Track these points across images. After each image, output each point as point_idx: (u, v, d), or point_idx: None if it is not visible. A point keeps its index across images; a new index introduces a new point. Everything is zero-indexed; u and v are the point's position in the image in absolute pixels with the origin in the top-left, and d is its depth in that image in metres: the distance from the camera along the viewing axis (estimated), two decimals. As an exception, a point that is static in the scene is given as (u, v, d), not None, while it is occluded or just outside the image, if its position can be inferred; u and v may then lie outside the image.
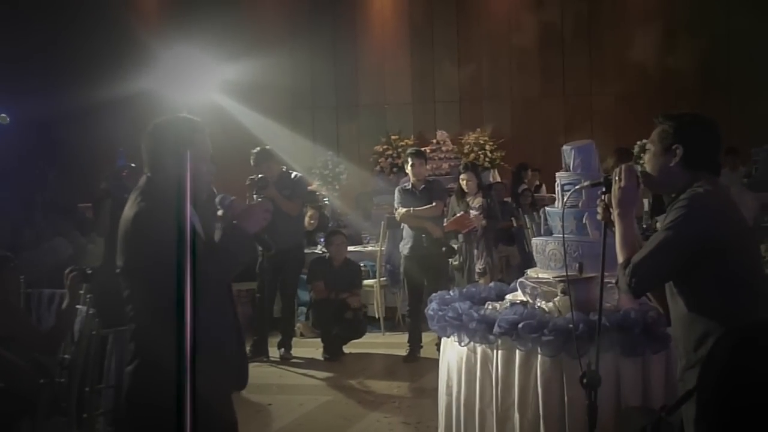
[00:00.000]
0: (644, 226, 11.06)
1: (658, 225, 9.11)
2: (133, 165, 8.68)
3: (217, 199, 4.48)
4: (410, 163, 10.21)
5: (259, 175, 10.02)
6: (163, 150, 4.05)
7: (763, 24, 15.24)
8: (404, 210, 10.09)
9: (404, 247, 10.30)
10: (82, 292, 6.21)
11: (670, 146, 3.89)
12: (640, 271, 3.73)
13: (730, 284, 3.64)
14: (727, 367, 1.93)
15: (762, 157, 13.30)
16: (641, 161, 14.88)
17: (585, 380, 3.83)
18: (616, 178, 3.99)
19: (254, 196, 9.83)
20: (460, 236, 10.22)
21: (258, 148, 10.55)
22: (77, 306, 6.22)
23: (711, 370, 1.96)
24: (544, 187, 15.94)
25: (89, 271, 6.69)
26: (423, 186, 10.18)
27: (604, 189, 4.04)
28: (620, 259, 3.86)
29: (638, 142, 14.67)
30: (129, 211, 4.07)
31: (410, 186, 10.27)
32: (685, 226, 3.66)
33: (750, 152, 13.72)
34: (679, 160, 3.85)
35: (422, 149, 11.66)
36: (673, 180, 3.90)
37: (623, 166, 4.04)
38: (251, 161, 10.38)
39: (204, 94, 15.46)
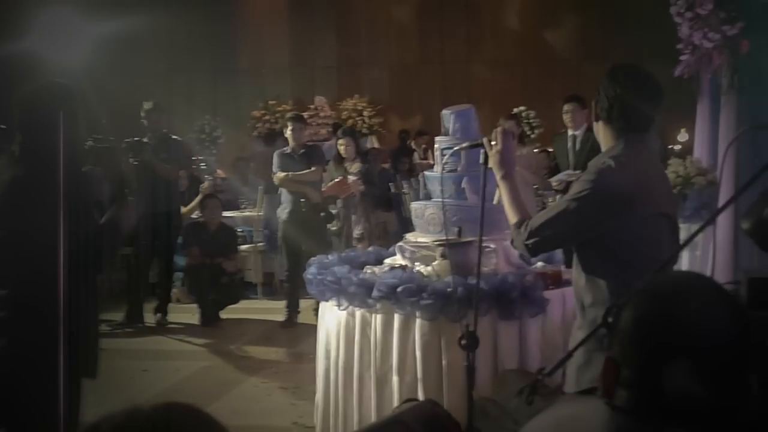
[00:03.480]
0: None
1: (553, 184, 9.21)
2: (3, 126, 8.38)
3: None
4: (290, 127, 10.16)
5: (135, 138, 9.84)
6: (36, 115, 4.01)
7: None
8: (283, 174, 10.03)
9: (282, 212, 10.25)
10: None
11: (594, 103, 3.85)
12: (539, 234, 3.76)
13: (622, 261, 3.67)
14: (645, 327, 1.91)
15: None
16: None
17: (464, 342, 3.85)
18: (493, 141, 4.01)
19: (130, 159, 9.66)
20: (339, 201, 10.20)
21: (151, 102, 10.36)
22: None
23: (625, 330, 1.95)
24: (430, 151, 16.04)
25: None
26: (302, 151, 10.15)
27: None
28: (513, 219, 3.88)
29: (515, 109, 14.87)
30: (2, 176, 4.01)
31: (289, 150, 10.20)
32: (587, 202, 3.66)
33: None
34: (597, 117, 3.83)
35: (301, 114, 11.60)
36: (602, 139, 3.87)
37: (498, 129, 4.07)
38: (142, 114, 10.22)
39: (78, 54, 15.06)
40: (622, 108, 3.74)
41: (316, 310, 7.74)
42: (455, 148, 5.05)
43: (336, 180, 10.10)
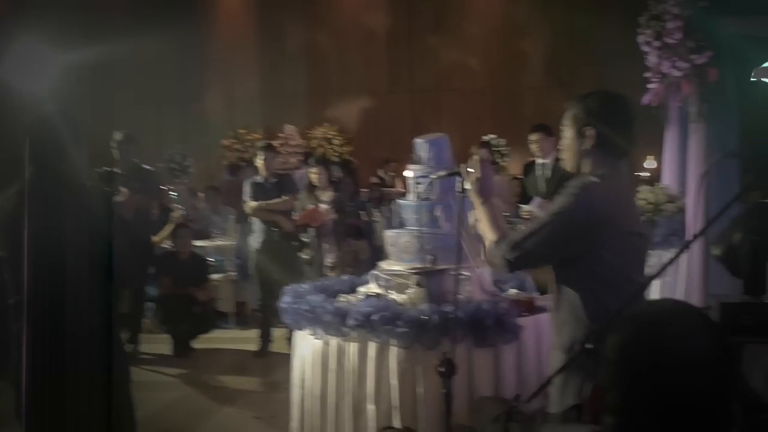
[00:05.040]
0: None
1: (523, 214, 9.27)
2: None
3: None
4: (261, 156, 10.17)
5: (106, 168, 9.82)
6: (51, 143, 4.13)
7: (602, 20, 15.70)
8: (255, 203, 10.04)
9: (255, 241, 10.24)
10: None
11: (581, 129, 3.84)
12: (520, 249, 3.72)
13: (600, 278, 3.66)
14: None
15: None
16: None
17: (442, 368, 3.88)
18: (471, 170, 4.03)
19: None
20: (311, 230, 10.22)
21: (121, 133, 10.33)
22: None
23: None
24: (398, 179, 16.15)
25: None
26: (274, 179, 10.16)
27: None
28: (493, 236, 3.82)
29: (483, 137, 14.97)
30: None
31: (261, 179, 10.21)
32: (572, 216, 3.65)
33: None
34: (593, 142, 3.82)
35: (272, 143, 11.63)
36: (586, 163, 3.87)
37: (476, 158, 4.09)
38: (113, 144, 10.18)
39: (45, 84, 15.02)
40: (599, 134, 3.80)
41: (289, 338, 7.76)
42: (432, 177, 5.09)
43: (308, 208, 10.12)
